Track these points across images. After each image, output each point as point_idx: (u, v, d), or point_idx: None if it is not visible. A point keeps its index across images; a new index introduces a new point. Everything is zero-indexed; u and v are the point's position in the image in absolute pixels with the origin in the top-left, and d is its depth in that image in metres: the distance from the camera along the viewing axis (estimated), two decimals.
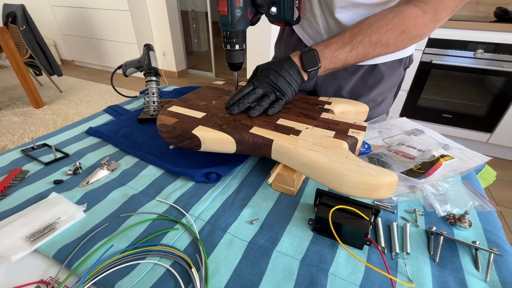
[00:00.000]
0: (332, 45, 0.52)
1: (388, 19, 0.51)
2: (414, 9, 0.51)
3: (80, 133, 0.65)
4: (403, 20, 0.51)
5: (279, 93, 0.51)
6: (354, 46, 0.52)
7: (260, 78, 0.52)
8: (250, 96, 0.50)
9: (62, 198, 0.43)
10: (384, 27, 0.51)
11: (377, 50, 0.53)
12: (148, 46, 0.72)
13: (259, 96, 0.51)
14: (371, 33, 0.51)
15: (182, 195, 0.46)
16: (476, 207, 0.43)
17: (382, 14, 0.53)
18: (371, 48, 0.52)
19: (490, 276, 0.34)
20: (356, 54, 0.52)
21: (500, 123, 1.73)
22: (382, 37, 0.51)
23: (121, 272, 0.33)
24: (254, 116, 0.50)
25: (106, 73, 3.51)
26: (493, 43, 1.54)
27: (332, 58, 0.52)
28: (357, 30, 0.52)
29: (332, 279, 0.33)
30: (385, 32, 0.51)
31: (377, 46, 0.52)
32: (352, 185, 0.37)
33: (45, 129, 2.16)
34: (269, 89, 0.51)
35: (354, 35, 0.52)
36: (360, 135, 0.46)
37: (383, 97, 0.73)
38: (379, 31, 0.51)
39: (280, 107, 0.51)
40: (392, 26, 0.51)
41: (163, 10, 3.00)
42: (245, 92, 0.51)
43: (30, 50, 2.47)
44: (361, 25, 0.53)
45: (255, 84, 0.52)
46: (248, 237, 0.38)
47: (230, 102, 0.52)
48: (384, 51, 0.54)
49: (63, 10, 3.32)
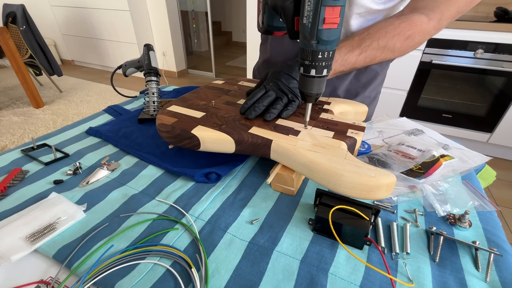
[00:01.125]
0: (341, 49, 0.53)
1: (395, 25, 0.53)
2: (420, 16, 0.52)
3: (80, 133, 0.65)
4: (409, 26, 0.52)
5: (291, 95, 0.51)
6: (363, 50, 0.53)
7: (271, 81, 0.52)
8: (264, 100, 0.49)
9: (62, 198, 0.43)
10: (392, 32, 0.52)
11: (384, 54, 0.54)
12: (148, 46, 0.72)
13: (272, 99, 0.50)
14: (379, 37, 0.53)
15: (182, 195, 0.46)
16: (476, 207, 0.43)
17: (389, 20, 0.54)
18: (378, 52, 0.54)
19: (490, 276, 0.34)
20: (364, 57, 0.54)
21: (500, 123, 1.73)
22: (390, 41, 0.53)
23: (121, 272, 0.33)
24: (270, 120, 0.49)
25: (106, 73, 3.51)
26: (493, 43, 1.54)
27: (342, 61, 0.53)
28: (365, 35, 0.54)
29: (332, 279, 0.33)
30: (393, 37, 0.52)
31: (384, 50, 0.54)
32: (350, 186, 0.37)
33: (45, 129, 2.17)
34: (281, 92, 0.51)
35: (363, 39, 0.53)
36: (359, 136, 0.46)
37: (376, 92, 0.76)
38: (387, 35, 0.52)
39: (293, 110, 0.50)
40: (399, 31, 0.52)
41: (163, 10, 3.00)
42: (259, 96, 0.50)
43: (30, 50, 2.48)
44: (369, 30, 0.54)
45: (267, 87, 0.51)
46: (248, 237, 0.38)
47: (245, 107, 0.50)
48: (390, 55, 0.55)
49: (63, 10, 3.32)
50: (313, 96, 0.41)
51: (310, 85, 0.40)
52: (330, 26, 0.34)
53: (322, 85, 0.40)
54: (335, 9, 0.33)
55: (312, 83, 0.40)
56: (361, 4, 0.57)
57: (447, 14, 0.52)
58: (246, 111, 0.50)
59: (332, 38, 0.35)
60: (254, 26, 2.30)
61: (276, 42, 0.75)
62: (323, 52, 0.36)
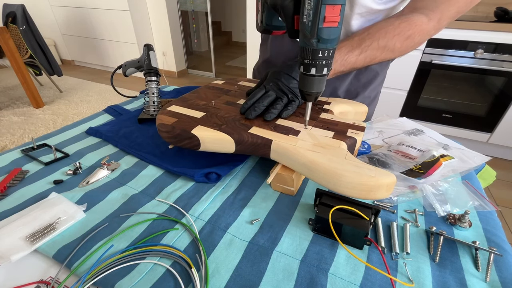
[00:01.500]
0: (341, 49, 0.53)
1: (395, 25, 0.53)
2: (420, 16, 0.52)
3: (80, 133, 0.65)
4: (409, 26, 0.52)
5: (291, 95, 0.51)
6: (363, 50, 0.53)
7: (271, 81, 0.52)
8: (264, 100, 0.49)
9: (62, 198, 0.43)
10: (392, 32, 0.53)
11: (384, 54, 0.54)
12: (148, 46, 0.72)
13: (273, 99, 0.50)
14: (379, 37, 0.53)
15: (182, 195, 0.46)
16: (476, 207, 0.43)
17: (389, 20, 0.54)
18: (378, 52, 0.54)
19: (490, 276, 0.34)
20: (364, 57, 0.54)
21: (500, 123, 1.73)
22: (390, 41, 0.53)
23: (121, 272, 0.33)
24: (270, 120, 0.49)
25: (106, 73, 3.51)
26: (493, 43, 1.54)
27: (342, 61, 0.53)
28: (365, 35, 0.54)
29: (332, 279, 0.33)
30: (393, 37, 0.53)
31: (384, 50, 0.54)
32: (350, 186, 0.37)
33: (45, 129, 2.17)
34: (281, 92, 0.51)
35: (363, 39, 0.53)
36: (359, 136, 0.46)
37: (376, 92, 0.76)
38: (387, 35, 0.53)
39: (293, 110, 0.50)
40: (399, 31, 0.52)
41: (163, 10, 3.00)
42: (259, 96, 0.50)
43: (30, 50, 2.48)
44: (369, 30, 0.54)
45: (267, 87, 0.51)
46: (248, 237, 0.38)
47: (245, 107, 0.50)
48: (390, 55, 0.55)
49: (63, 10, 3.32)
50: (313, 95, 0.41)
51: (310, 84, 0.40)
52: (330, 24, 0.34)
53: (322, 84, 0.40)
54: (336, 7, 0.33)
55: (312, 82, 0.40)
56: (362, 4, 0.57)
57: (447, 14, 0.52)
58: (246, 111, 0.50)
59: (332, 36, 0.35)
60: (254, 26, 2.30)
61: (276, 42, 0.75)
62: (323, 50, 0.36)
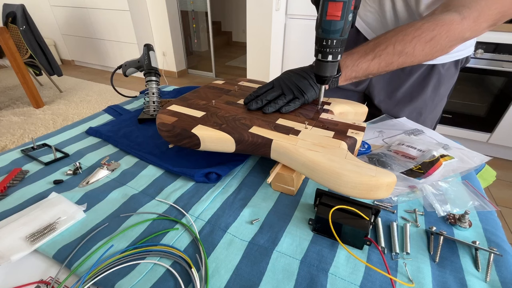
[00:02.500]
0: (354, 54, 0.52)
1: (416, 26, 0.48)
2: (451, 15, 0.46)
3: (80, 133, 0.64)
4: (434, 26, 0.47)
5: (297, 92, 0.52)
6: (376, 54, 0.50)
7: (281, 79, 0.54)
8: (268, 94, 0.52)
9: (62, 198, 0.43)
10: (411, 34, 0.48)
11: (402, 59, 0.50)
12: (148, 46, 0.72)
13: (277, 94, 0.53)
14: (395, 41, 0.49)
15: (182, 195, 0.46)
16: (476, 207, 0.43)
17: (413, 22, 0.50)
18: (395, 57, 0.50)
19: (490, 276, 0.34)
20: (378, 62, 0.51)
21: (500, 123, 1.73)
22: (407, 45, 0.48)
23: (121, 272, 0.33)
24: (269, 113, 0.51)
25: (106, 73, 3.51)
26: (493, 43, 1.54)
27: (353, 66, 0.52)
28: (381, 39, 0.51)
29: (332, 279, 0.33)
30: (411, 39, 0.48)
31: (401, 55, 0.49)
32: (350, 185, 0.37)
33: (45, 129, 2.16)
34: (287, 89, 0.52)
35: (378, 43, 0.51)
36: (359, 136, 0.46)
37: (440, 98, 0.71)
38: (405, 38, 0.48)
39: (295, 107, 0.52)
40: (420, 33, 0.47)
41: (163, 10, 3.00)
42: (264, 90, 0.53)
43: (30, 50, 2.47)
44: (386, 34, 0.51)
45: (275, 83, 0.54)
46: (248, 237, 0.38)
47: (249, 98, 0.53)
48: (410, 60, 0.50)
49: (63, 10, 3.32)
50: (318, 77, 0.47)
51: (317, 67, 0.46)
52: (332, 18, 0.40)
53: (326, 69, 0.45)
54: (338, 4, 0.38)
55: (318, 66, 0.46)
56: None
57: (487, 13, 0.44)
58: (249, 102, 0.53)
59: (333, 28, 0.40)
60: (254, 26, 2.30)
61: None
62: (326, 40, 0.42)
